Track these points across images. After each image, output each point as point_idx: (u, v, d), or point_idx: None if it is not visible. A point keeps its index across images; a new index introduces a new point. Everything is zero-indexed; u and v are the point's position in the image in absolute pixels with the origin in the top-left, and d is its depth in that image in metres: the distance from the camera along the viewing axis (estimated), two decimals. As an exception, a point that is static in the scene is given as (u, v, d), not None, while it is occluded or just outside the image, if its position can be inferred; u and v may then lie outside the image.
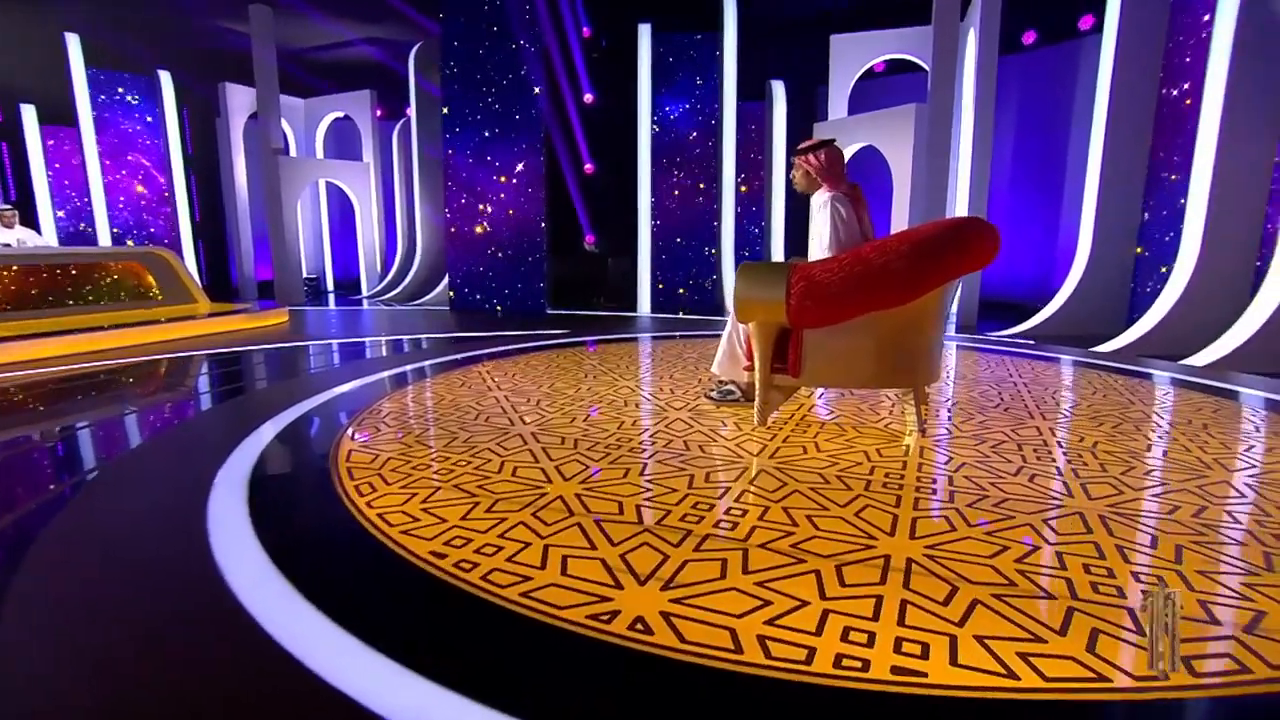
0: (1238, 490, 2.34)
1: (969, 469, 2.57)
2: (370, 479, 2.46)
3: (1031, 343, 6.25)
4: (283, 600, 1.66)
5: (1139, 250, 6.91)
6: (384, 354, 5.79)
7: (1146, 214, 6.86)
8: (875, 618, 1.56)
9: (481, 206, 8.83)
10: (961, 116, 7.72)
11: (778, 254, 10.18)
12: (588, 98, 9.35)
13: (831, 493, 2.33)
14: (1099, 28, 7.96)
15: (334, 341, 6.43)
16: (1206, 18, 6.03)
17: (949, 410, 3.45)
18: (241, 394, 4.24)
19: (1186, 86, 6.38)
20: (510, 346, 5.59)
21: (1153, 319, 5.97)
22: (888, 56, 8.65)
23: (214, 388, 4.54)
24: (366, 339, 6.68)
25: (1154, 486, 2.38)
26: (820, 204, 3.07)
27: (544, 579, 1.74)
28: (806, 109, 10.91)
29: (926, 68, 8.17)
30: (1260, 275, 5.77)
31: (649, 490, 2.35)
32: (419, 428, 3.14)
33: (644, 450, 2.79)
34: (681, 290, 9.38)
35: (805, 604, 1.62)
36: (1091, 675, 1.34)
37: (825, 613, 1.58)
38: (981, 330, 7.08)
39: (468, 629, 1.54)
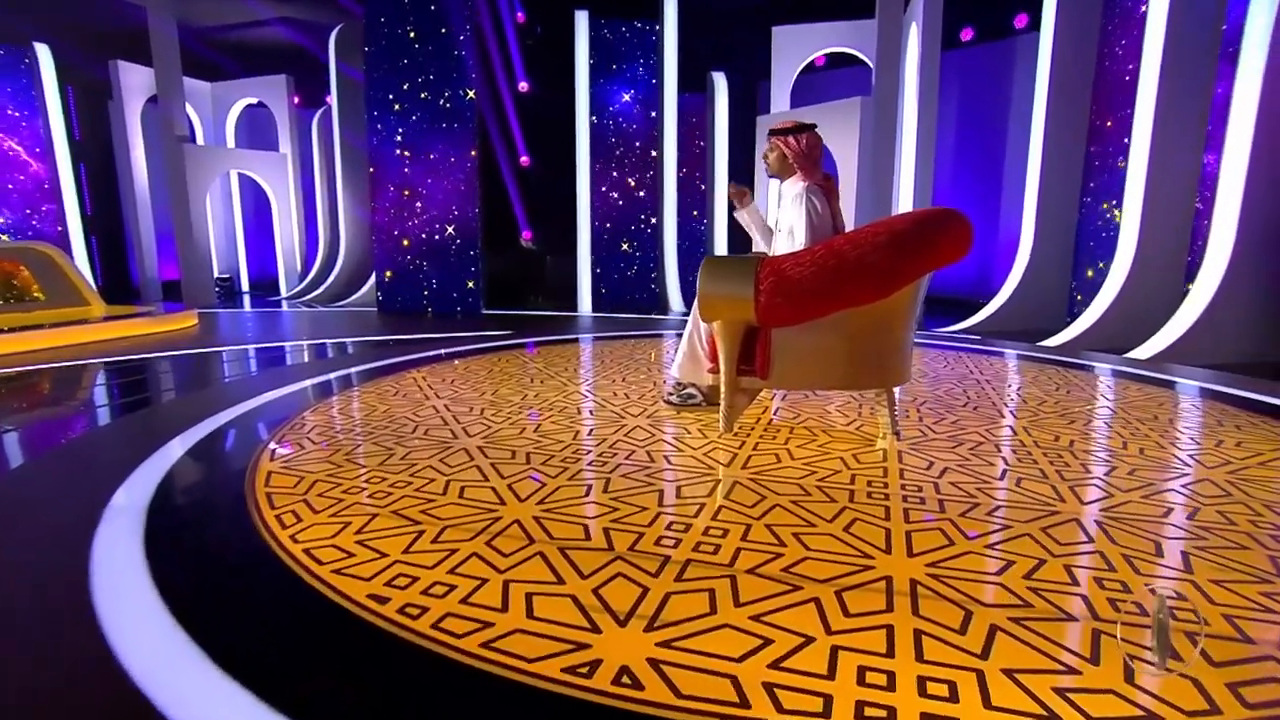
0: (1221, 488, 2.31)
1: (953, 474, 2.47)
2: (294, 506, 2.17)
3: (978, 338, 6.35)
4: (183, 665, 1.38)
5: (1090, 273, 7.13)
6: (306, 360, 5.38)
7: (1083, 211, 7.09)
8: (890, 653, 1.40)
9: (411, 201, 8.42)
10: (904, 111, 7.80)
11: (720, 249, 10.12)
12: (523, 86, 9.05)
13: (815, 506, 2.18)
14: (1033, 26, 8.21)
15: (250, 347, 5.95)
16: (1142, 9, 6.23)
17: (919, 410, 3.37)
18: (143, 407, 3.81)
19: (1125, 79, 6.60)
20: (446, 350, 5.28)
21: (1094, 314, 6.14)
22: (830, 49, 8.69)
23: (110, 400, 4.08)
24: (287, 344, 6.22)
25: (1140, 487, 2.33)
26: (795, 195, 2.93)
27: (507, 624, 1.51)
28: (747, 102, 10.90)
29: (868, 61, 8.24)
30: (1191, 268, 6.01)
31: (616, 510, 2.15)
32: (349, 444, 2.84)
33: (604, 463, 2.59)
34: (624, 288, 9.20)
35: (810, 640, 1.45)
36: (1141, 715, 1.22)
37: (834, 650, 1.42)
38: (928, 326, 7.16)
39: (421, 692, 1.30)
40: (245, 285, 12.40)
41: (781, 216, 3.07)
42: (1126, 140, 6.37)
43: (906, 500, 2.23)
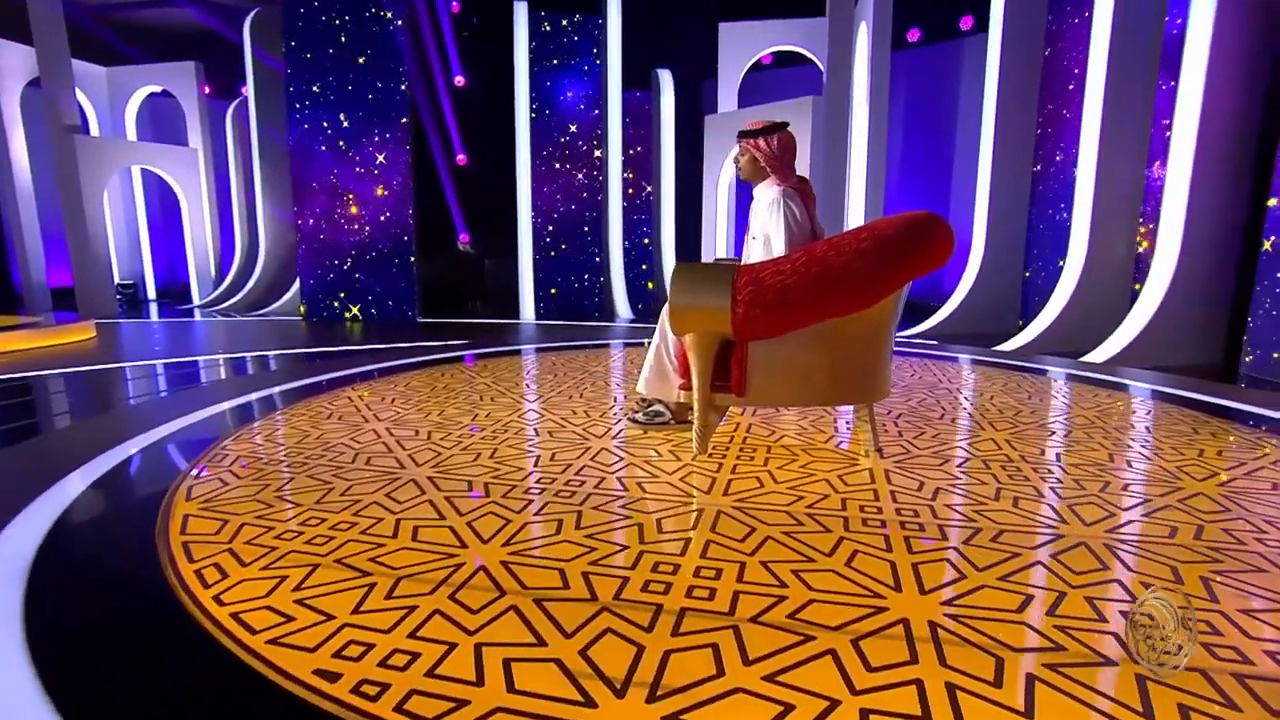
0: (1217, 503, 2.31)
1: (945, 494, 2.40)
2: (217, 557, 1.91)
3: (935, 343, 6.43)
4: (86, 786, 1.14)
5: (1041, 276, 7.33)
6: (225, 378, 5.00)
7: (1033, 214, 7.29)
8: (925, 714, 1.28)
9: (338, 201, 8.02)
10: (853, 111, 7.88)
11: (668, 255, 10.05)
12: (458, 80, 8.76)
13: (809, 537, 2.06)
14: (979, 28, 8.43)
15: (158, 363, 5.50)
16: (1087, 13, 6.44)
17: (896, 424, 3.31)
18: (30, 436, 3.41)
19: (1070, 87, 6.81)
20: (383, 364, 4.99)
21: (1046, 318, 6.30)
22: (778, 47, 8.72)
23: (-13, 431, 3.65)
24: (201, 359, 5.78)
25: (1138, 504, 2.30)
26: (770, 201, 2.81)
27: (485, 700, 1.32)
28: (692, 100, 10.87)
29: (816, 60, 8.31)
30: (1139, 270, 6.23)
31: (592, 550, 1.97)
32: (280, 477, 2.57)
33: (573, 494, 2.41)
34: (568, 294, 9.00)
35: (836, 703, 1.32)
36: (1216, 781, 1.13)
37: (864, 715, 1.28)
38: (884, 331, 7.22)
39: (387, 805, 1.10)
40: (151, 292, 11.63)
41: (755, 223, 2.96)
42: (1073, 145, 6.57)
43: (905, 527, 2.13)
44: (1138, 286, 5.94)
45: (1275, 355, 4.91)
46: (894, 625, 1.59)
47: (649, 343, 3.13)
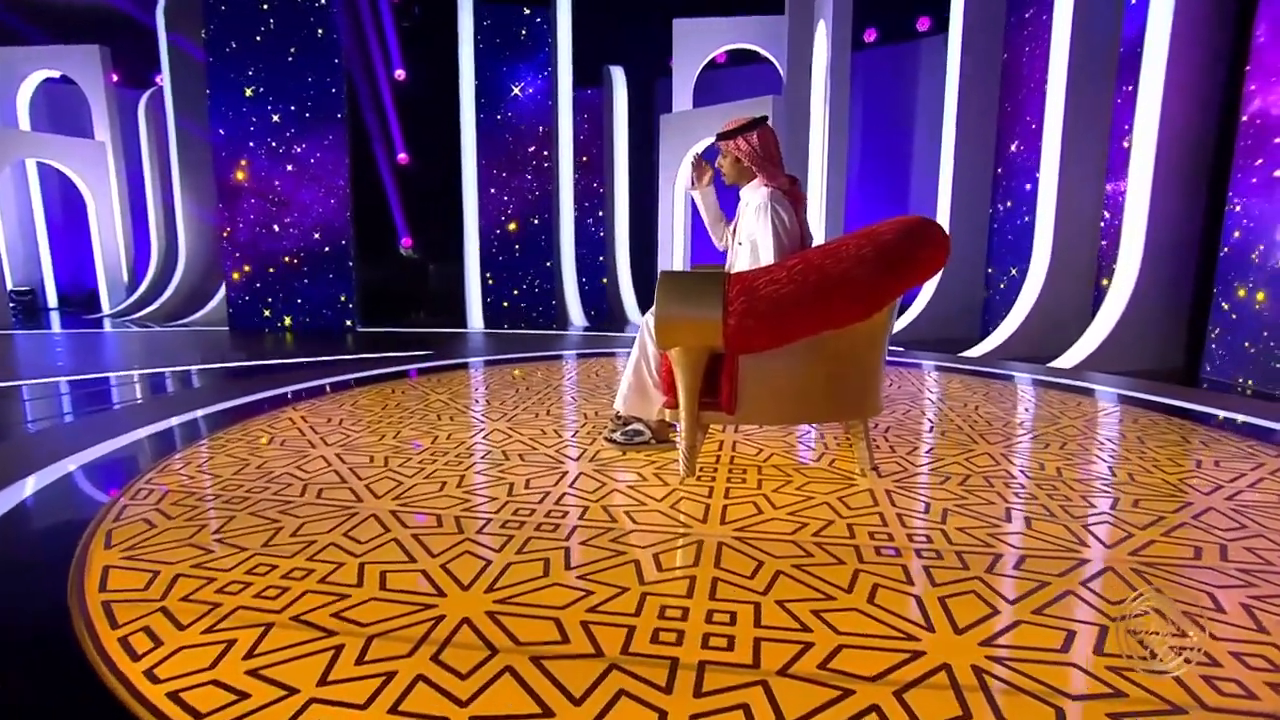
0: (1230, 519, 2.29)
1: (955, 517, 2.32)
2: (149, 619, 1.68)
3: (901, 349, 6.47)
4: None
5: (1004, 282, 7.46)
6: (142, 398, 4.63)
7: (994, 219, 7.43)
8: (996, 785, 1.17)
9: (268, 202, 7.62)
10: (811, 112, 7.91)
11: (622, 259, 9.93)
12: (399, 74, 8.46)
13: (823, 571, 1.94)
14: (936, 29, 8.59)
15: (62, 380, 5.07)
16: (1045, 16, 6.59)
17: (887, 439, 3.25)
18: (-92, 474, 3.04)
19: (1031, 87, 6.97)
20: (324, 380, 4.70)
21: (1011, 324, 6.40)
22: (734, 45, 8.70)
23: None
24: (113, 375, 5.36)
25: (1153, 522, 2.26)
26: (758, 205, 2.71)
27: (491, 794, 1.15)
28: (645, 99, 10.80)
29: (773, 59, 8.32)
30: (1100, 273, 6.40)
31: (589, 594, 1.81)
32: (218, 516, 2.32)
33: (555, 527, 2.24)
34: (518, 301, 8.78)
35: (895, 777, 1.19)
36: None
37: (929, 789, 1.16)
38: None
39: None
40: (52, 300, 10.88)
41: (742, 227, 2.85)
42: (1032, 149, 6.72)
43: (921, 555, 2.04)
44: (1105, 282, 6.07)
45: (1233, 359, 5.08)
46: (936, 672, 1.48)
47: (632, 355, 2.98)
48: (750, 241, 2.78)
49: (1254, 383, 4.89)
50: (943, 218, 7.39)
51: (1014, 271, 7.02)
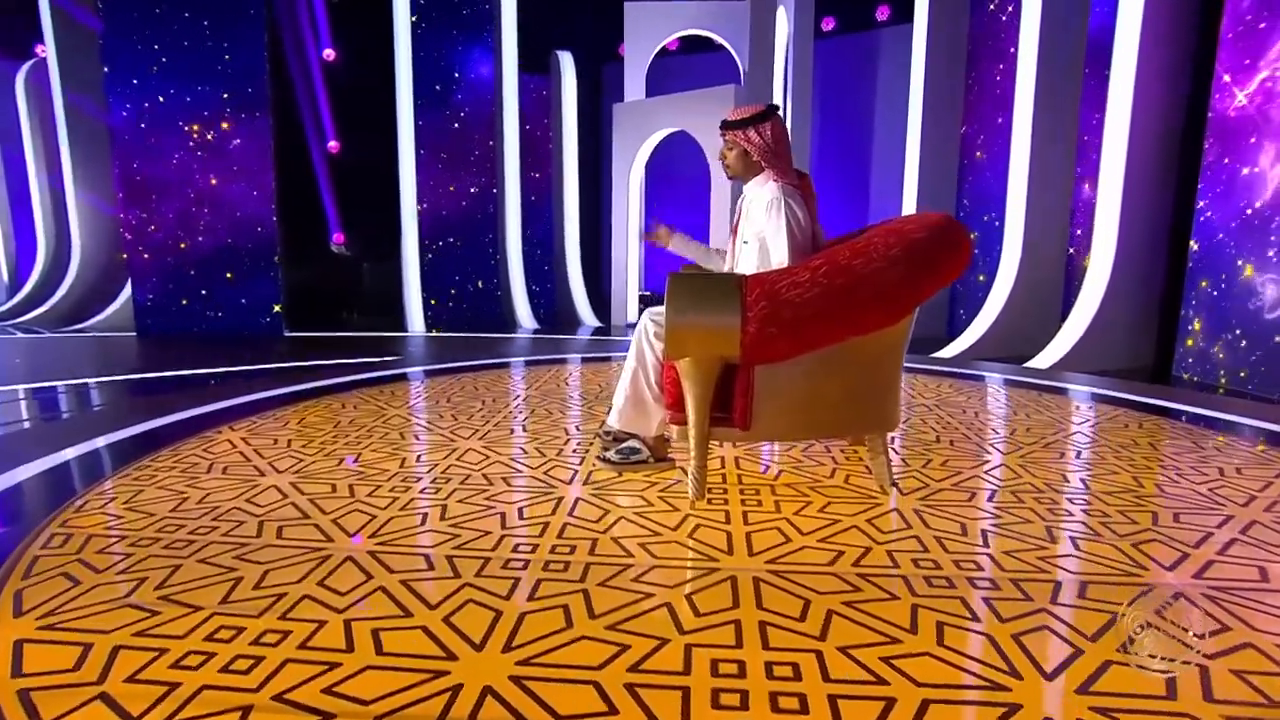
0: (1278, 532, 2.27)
1: (997, 538, 2.22)
2: (85, 712, 1.41)
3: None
4: None
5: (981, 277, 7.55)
6: (39, 418, 4.18)
7: (960, 216, 7.53)
8: None
9: (180, 192, 7.10)
10: (774, 102, 7.86)
11: (573, 257, 9.70)
12: (328, 54, 8.02)
13: (877, 608, 1.81)
14: (896, 18, 8.68)
15: (-58, 399, 4.56)
16: (1011, 7, 6.70)
17: (897, 451, 3.16)
18: None
19: (998, 79, 7.08)
20: (260, 394, 4.34)
21: (983, 323, 6.48)
22: (690, 32, 8.58)
23: None
24: None
25: (1202, 538, 2.22)
26: (769, 201, 2.56)
27: None
28: (593, 87, 10.60)
29: (729, 46, 8.22)
30: (1069, 273, 6.55)
31: (624, 648, 1.63)
32: (160, 566, 2.03)
33: (565, 566, 2.04)
34: (462, 301, 8.47)
35: None
36: None
37: None
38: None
39: None
40: (-81, 304, 9.95)
41: (748, 226, 2.70)
42: (996, 142, 6.83)
43: (976, 585, 1.93)
44: (1086, 261, 6.17)
45: (1207, 356, 5.24)
46: (1042, 731, 1.35)
47: (628, 364, 2.80)
48: (759, 240, 2.63)
49: (1226, 380, 5.05)
50: (908, 213, 7.44)
51: (981, 278, 7.11)
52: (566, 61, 9.33)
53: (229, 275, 7.23)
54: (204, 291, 7.19)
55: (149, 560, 2.06)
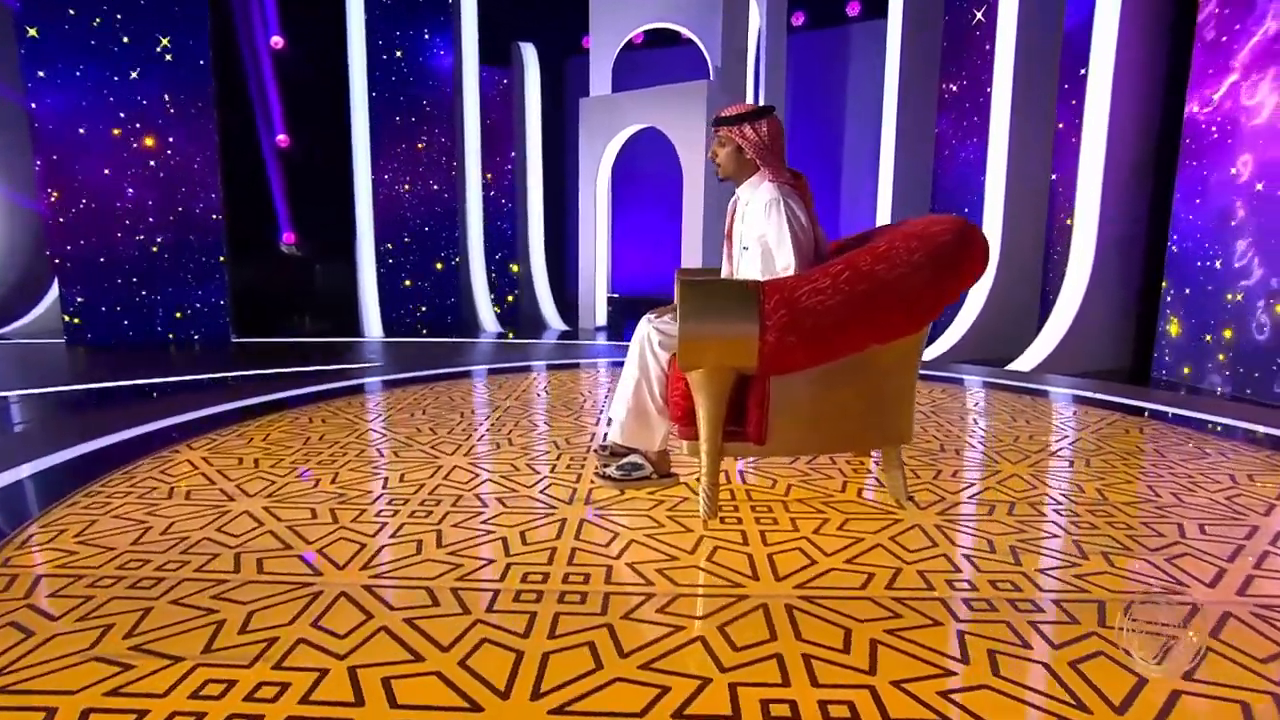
0: (1304, 543, 2.29)
1: (1027, 555, 2.19)
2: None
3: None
4: None
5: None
6: (-33, 434, 3.89)
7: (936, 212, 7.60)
8: None
9: (114, 187, 6.75)
10: (747, 99, 7.85)
11: (537, 257, 9.55)
12: (276, 42, 7.73)
13: (922, 635, 1.75)
14: (867, 14, 8.74)
15: None
16: (986, 6, 6.79)
17: (905, 463, 3.11)
18: None
19: (967, 82, 7.16)
20: (215, 408, 4.11)
21: (962, 326, 6.55)
22: (657, 24, 8.49)
23: None
24: (-80, 407, 4.52)
25: (1234, 552, 2.22)
26: (768, 202, 2.49)
27: None
28: (556, 81, 10.46)
29: (697, 40, 8.15)
30: (1047, 275, 6.65)
31: (663, 690, 1.53)
32: (126, 610, 1.86)
33: (582, 597, 1.93)
34: (421, 304, 8.25)
35: None
36: None
37: None
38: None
39: None
40: None
41: (746, 229, 2.62)
42: (970, 141, 6.92)
43: (1018, 608, 1.88)
44: (1071, 251, 6.25)
45: (1183, 359, 5.36)
46: (1127, 773, 1.30)
47: (629, 374, 2.70)
48: (760, 244, 2.56)
49: (1205, 381, 5.18)
50: (883, 214, 7.50)
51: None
52: (529, 53, 9.18)
53: (169, 277, 6.89)
54: (141, 294, 6.84)
55: (113, 603, 1.88)
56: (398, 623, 1.78)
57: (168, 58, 6.70)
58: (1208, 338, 5.18)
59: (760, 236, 2.54)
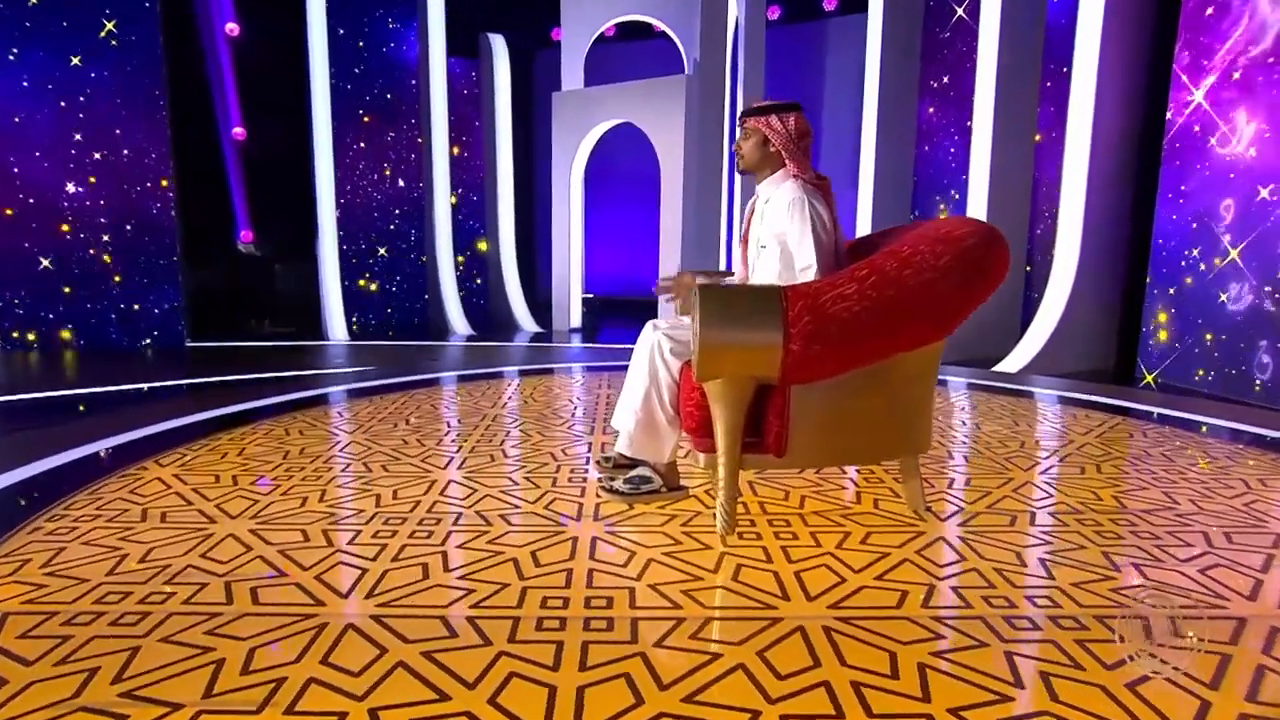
0: (1330, 550, 2.31)
1: (1060, 569, 2.17)
2: None
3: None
4: None
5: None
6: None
7: (917, 213, 7.67)
8: None
9: (52, 182, 6.46)
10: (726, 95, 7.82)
11: (508, 256, 9.41)
12: (231, 28, 7.48)
13: (972, 658, 1.71)
14: (844, 9, 8.77)
15: None
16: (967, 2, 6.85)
17: (915, 468, 3.10)
18: None
19: (947, 79, 7.23)
20: (181, 419, 3.94)
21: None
22: (631, 17, 8.41)
23: None
24: None
25: (1261, 557, 2.23)
26: (791, 200, 2.44)
27: None
28: (525, 74, 10.33)
29: (672, 33, 8.09)
30: (1030, 274, 6.74)
31: (713, 727, 1.46)
32: (110, 650, 1.73)
33: (608, 624, 1.86)
34: (388, 306, 8.07)
35: None
36: None
37: None
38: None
39: None
40: None
41: (764, 228, 2.58)
42: (947, 138, 6.98)
43: (1060, 625, 1.85)
44: (1052, 252, 6.35)
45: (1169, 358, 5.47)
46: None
47: (638, 382, 2.63)
48: (779, 243, 2.51)
49: (1189, 381, 5.28)
50: (864, 212, 7.53)
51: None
52: (499, 45, 9.04)
53: (117, 278, 6.63)
54: (87, 295, 6.56)
55: (95, 643, 1.75)
56: (415, 657, 1.69)
57: (113, 43, 6.43)
58: (1191, 337, 5.29)
59: (780, 235, 2.50)
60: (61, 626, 1.82)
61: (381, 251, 7.97)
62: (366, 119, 7.78)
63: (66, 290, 6.52)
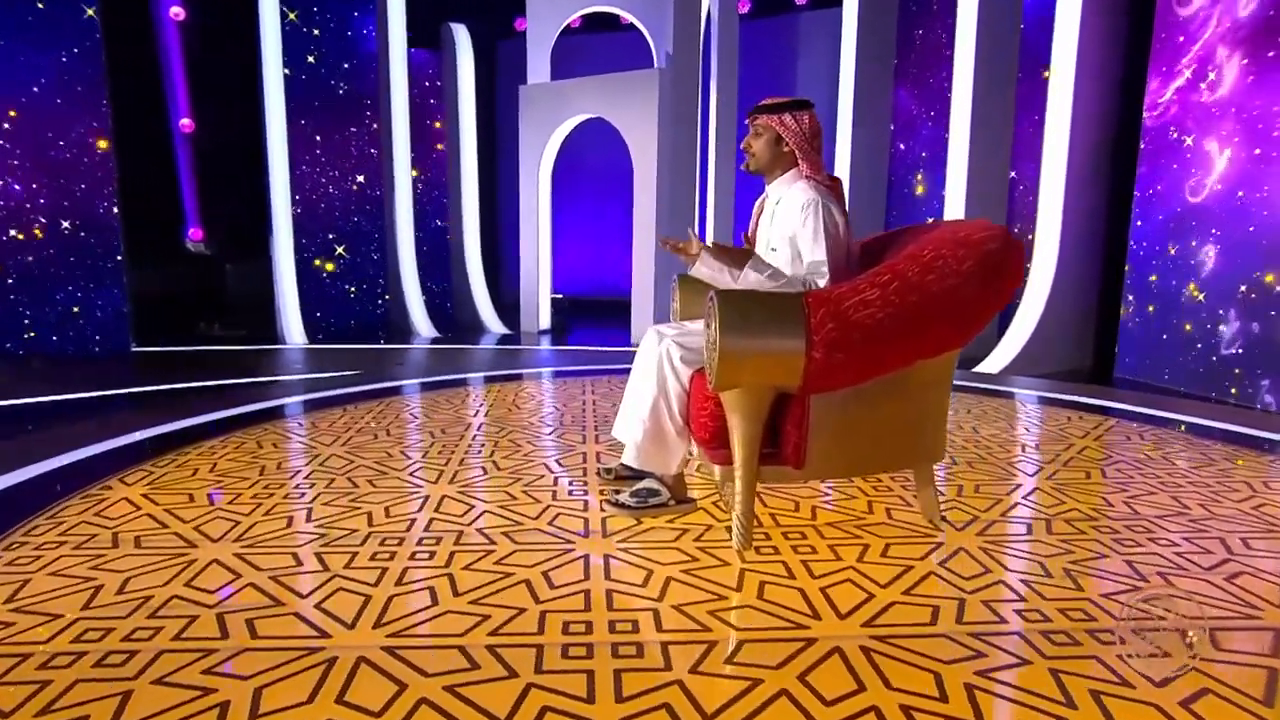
0: (1345, 554, 2.36)
1: (1086, 579, 2.18)
2: None
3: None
4: None
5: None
6: None
7: (893, 213, 7.75)
8: None
9: (-9, 178, 6.15)
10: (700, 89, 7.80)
11: (473, 254, 9.26)
12: (176, 12, 7.20)
13: (1016, 676, 1.69)
14: (817, 2, 8.82)
15: None
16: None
17: (922, 476, 3.10)
18: None
19: (929, 74, 7.31)
20: (143, 431, 3.76)
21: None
22: (600, 8, 8.33)
23: None
24: None
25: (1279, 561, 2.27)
26: (804, 202, 2.41)
27: None
28: (487, 66, 10.18)
29: (641, 26, 8.04)
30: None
31: (766, 759, 1.42)
32: (102, 695, 1.62)
33: (637, 649, 1.80)
34: (346, 308, 7.87)
35: None
36: None
37: None
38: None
39: None
40: None
41: (774, 229, 2.55)
42: (920, 135, 7.06)
43: (1099, 639, 1.85)
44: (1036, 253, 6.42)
45: (1144, 357, 5.60)
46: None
47: (646, 391, 2.57)
48: (791, 244, 2.48)
49: (1167, 380, 5.41)
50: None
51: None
52: (461, 35, 8.88)
53: (58, 280, 6.33)
54: (21, 299, 6.25)
55: (79, 688, 1.63)
56: (437, 692, 1.61)
57: (47, 27, 6.13)
58: (1167, 336, 5.42)
59: (791, 236, 2.47)
60: (38, 670, 1.70)
61: (340, 250, 7.77)
62: (323, 111, 7.56)
63: (2, 294, 6.20)
